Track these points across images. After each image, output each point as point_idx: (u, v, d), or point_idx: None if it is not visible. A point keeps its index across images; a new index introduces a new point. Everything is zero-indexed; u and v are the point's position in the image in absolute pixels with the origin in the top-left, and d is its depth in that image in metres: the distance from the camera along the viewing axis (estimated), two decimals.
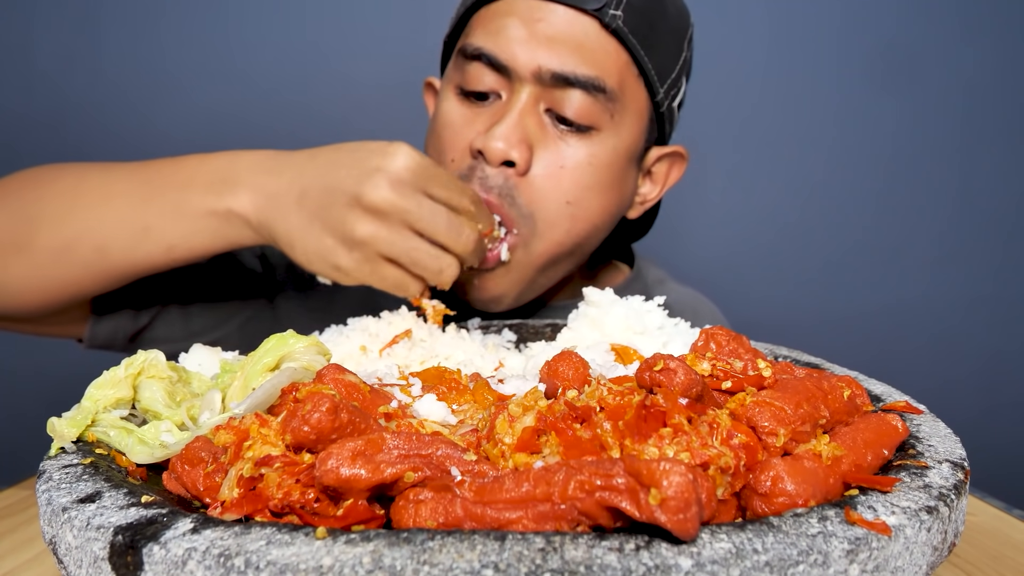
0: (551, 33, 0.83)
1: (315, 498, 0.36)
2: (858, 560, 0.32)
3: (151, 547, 0.33)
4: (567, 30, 0.83)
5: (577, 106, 0.83)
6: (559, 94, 0.83)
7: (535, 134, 0.85)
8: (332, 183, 0.72)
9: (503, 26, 0.84)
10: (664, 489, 0.30)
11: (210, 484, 0.41)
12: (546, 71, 0.82)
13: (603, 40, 0.84)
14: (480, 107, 0.87)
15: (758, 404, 0.42)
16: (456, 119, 0.88)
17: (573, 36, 0.83)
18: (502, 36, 0.84)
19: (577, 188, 0.86)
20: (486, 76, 0.85)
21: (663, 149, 0.97)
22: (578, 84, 0.83)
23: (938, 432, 0.47)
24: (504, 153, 0.82)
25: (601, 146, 0.86)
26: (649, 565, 0.30)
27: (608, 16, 0.83)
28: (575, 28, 0.83)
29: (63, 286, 0.78)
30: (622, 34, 0.84)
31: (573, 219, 0.87)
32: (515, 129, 0.83)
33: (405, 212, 0.71)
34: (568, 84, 0.83)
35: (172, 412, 0.49)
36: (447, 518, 0.34)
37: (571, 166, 0.85)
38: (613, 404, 0.40)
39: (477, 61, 0.85)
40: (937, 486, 0.38)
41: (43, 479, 0.41)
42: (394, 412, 0.45)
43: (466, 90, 0.87)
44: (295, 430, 0.38)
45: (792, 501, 0.36)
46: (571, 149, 0.85)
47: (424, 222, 0.72)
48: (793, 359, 0.66)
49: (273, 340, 0.53)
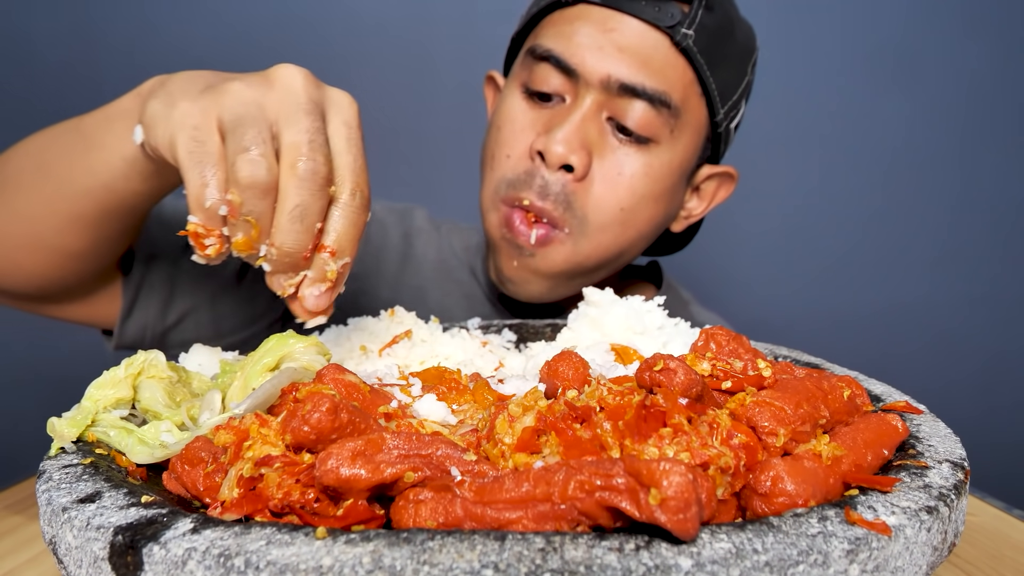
0: (623, 43, 0.84)
1: (315, 498, 0.36)
2: (858, 560, 0.32)
3: (151, 547, 0.33)
4: (638, 43, 0.84)
5: (639, 117, 0.85)
6: (623, 104, 0.85)
7: (595, 141, 0.86)
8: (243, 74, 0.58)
9: (575, 30, 0.86)
10: (664, 489, 0.30)
11: (210, 484, 0.41)
12: (615, 80, 0.84)
13: (672, 57, 0.85)
14: (543, 108, 0.89)
15: (758, 404, 0.42)
16: (518, 117, 0.89)
17: (644, 49, 0.84)
18: (574, 41, 0.85)
19: (632, 197, 0.88)
20: (553, 78, 0.87)
21: (715, 168, 0.99)
22: (644, 96, 0.84)
23: (938, 432, 0.47)
24: (564, 157, 0.84)
25: (658, 159, 0.88)
26: (649, 565, 0.30)
27: (680, 35, 0.84)
28: (646, 42, 0.84)
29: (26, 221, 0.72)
30: (691, 53, 0.85)
31: (624, 225, 0.89)
32: (576, 134, 0.85)
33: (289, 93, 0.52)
34: (634, 95, 0.84)
35: (172, 412, 0.49)
36: (447, 518, 0.34)
37: (628, 175, 0.87)
38: (613, 404, 0.40)
39: (546, 62, 0.87)
40: (937, 486, 0.38)
41: (43, 479, 0.41)
42: (394, 412, 0.45)
43: (531, 89, 0.89)
44: (295, 430, 0.38)
45: (792, 501, 0.36)
46: (629, 159, 0.87)
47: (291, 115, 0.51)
48: (793, 359, 0.66)
49: (273, 340, 0.53)
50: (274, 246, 0.50)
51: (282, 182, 0.50)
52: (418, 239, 1.11)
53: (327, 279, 0.52)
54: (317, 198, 0.50)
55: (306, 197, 0.50)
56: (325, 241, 0.52)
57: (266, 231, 0.51)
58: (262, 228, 0.50)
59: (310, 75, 0.54)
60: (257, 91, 0.52)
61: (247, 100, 0.51)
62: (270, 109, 0.51)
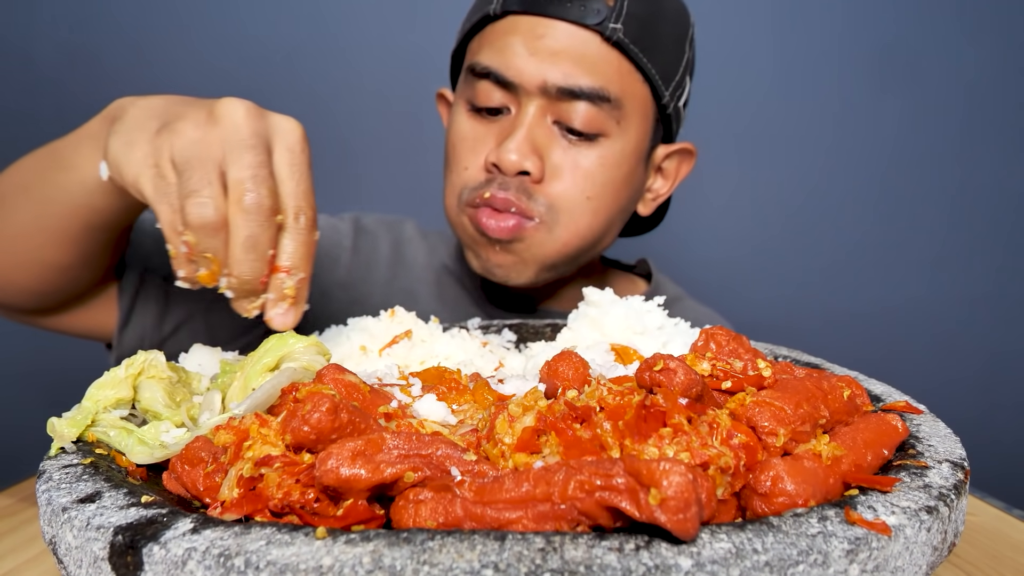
0: (554, 48, 0.86)
1: (315, 498, 0.36)
2: (858, 560, 0.32)
3: (151, 547, 0.33)
4: (569, 44, 0.86)
5: (583, 116, 0.87)
6: (565, 106, 0.87)
7: (545, 144, 0.89)
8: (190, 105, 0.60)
9: (507, 44, 0.88)
10: (664, 489, 0.30)
11: (210, 484, 0.41)
12: (551, 85, 0.86)
13: (605, 52, 0.87)
14: (491, 121, 0.91)
15: (758, 404, 0.42)
16: (469, 133, 0.93)
17: (575, 50, 0.86)
18: (507, 53, 0.87)
19: (594, 187, 0.91)
20: (495, 93, 0.89)
21: (671, 147, 1.01)
22: (583, 96, 0.86)
23: (938, 432, 0.47)
24: (518, 164, 0.87)
25: (610, 150, 0.90)
26: (649, 565, 0.30)
27: (609, 30, 0.85)
28: (576, 42, 0.86)
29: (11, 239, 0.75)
30: (623, 45, 0.86)
31: (595, 213, 0.92)
32: (526, 141, 0.87)
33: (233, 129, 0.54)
34: (573, 96, 0.86)
35: (172, 412, 0.49)
36: (447, 518, 0.34)
37: (584, 168, 0.90)
38: (613, 404, 0.40)
39: (486, 79, 0.89)
40: (937, 486, 0.38)
41: (43, 479, 0.41)
42: (394, 412, 0.45)
43: (477, 106, 0.91)
44: (295, 430, 0.38)
45: (792, 501, 0.36)
46: (582, 156, 0.90)
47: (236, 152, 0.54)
48: (793, 359, 0.66)
49: (273, 340, 0.53)
50: (232, 275, 0.54)
51: (231, 217, 0.53)
52: (408, 248, 1.13)
53: (286, 296, 0.56)
54: (265, 228, 0.54)
55: (254, 228, 0.53)
56: (279, 263, 0.56)
57: (224, 263, 0.54)
58: (220, 261, 0.54)
59: (252, 107, 0.56)
60: (202, 130, 0.55)
61: (194, 140, 0.54)
62: (215, 147, 0.54)
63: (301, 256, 0.56)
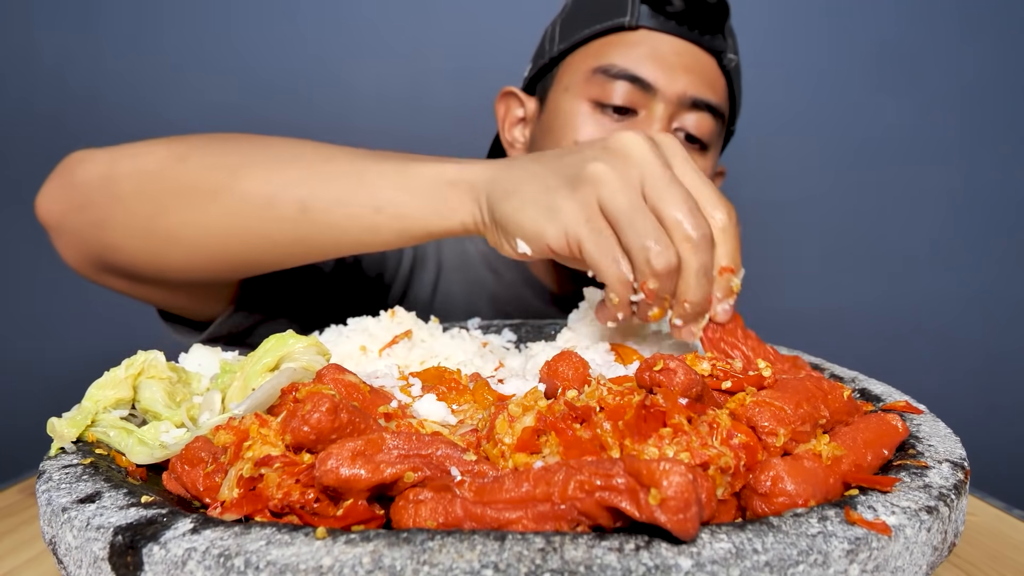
0: (689, 64, 0.96)
1: (315, 498, 0.36)
2: (858, 560, 0.32)
3: (151, 547, 0.33)
4: (698, 64, 0.97)
5: (702, 126, 0.97)
6: (689, 115, 0.96)
7: None
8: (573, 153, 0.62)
9: (647, 53, 0.96)
10: (664, 489, 0.30)
11: (210, 484, 0.41)
12: (689, 96, 0.95)
13: (719, 75, 0.99)
14: (616, 120, 0.97)
15: (758, 404, 0.42)
16: (593, 129, 0.97)
17: (703, 69, 0.97)
18: (648, 62, 0.95)
19: None
20: (629, 92, 0.95)
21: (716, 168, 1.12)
22: (708, 108, 0.97)
23: (938, 432, 0.47)
24: None
25: (709, 161, 1.01)
26: (649, 565, 0.30)
27: (727, 59, 0.99)
28: (703, 63, 0.97)
29: (256, 244, 0.70)
30: (732, 74, 1.00)
31: None
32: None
33: (647, 164, 0.56)
34: (699, 108, 0.96)
35: (172, 412, 0.49)
36: (447, 518, 0.34)
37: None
38: (613, 404, 0.40)
39: (622, 80, 0.95)
40: (937, 486, 0.38)
41: (43, 479, 0.41)
42: (394, 412, 0.45)
43: (605, 103, 0.97)
44: (295, 430, 0.38)
45: (792, 501, 0.36)
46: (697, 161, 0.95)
47: (663, 189, 0.56)
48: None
49: (273, 340, 0.53)
50: (687, 302, 0.56)
51: (680, 250, 0.55)
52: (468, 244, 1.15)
53: (733, 292, 0.58)
54: (711, 253, 0.56)
55: (705, 258, 0.55)
56: (721, 264, 0.58)
57: (673, 296, 0.56)
58: (675, 298, 0.56)
59: (645, 136, 0.59)
60: (618, 171, 0.56)
61: (619, 185, 0.56)
62: (635, 179, 0.56)
63: (737, 253, 0.58)
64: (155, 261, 0.73)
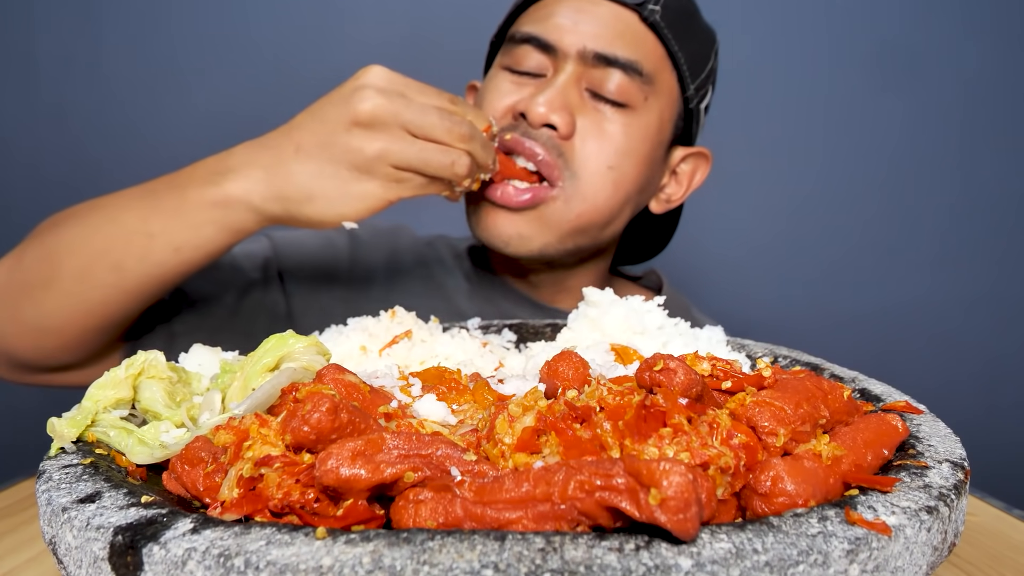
0: (596, 20, 0.92)
1: (315, 498, 0.36)
2: (858, 560, 0.32)
3: (151, 547, 0.33)
4: (610, 19, 0.92)
5: (616, 84, 0.91)
6: (599, 73, 0.91)
7: (576, 104, 0.92)
8: (321, 120, 0.76)
9: (551, 13, 0.93)
10: (664, 489, 0.30)
11: (210, 484, 0.41)
12: (590, 51, 0.90)
13: (642, 31, 0.93)
14: (527, 83, 0.94)
15: (758, 404, 0.42)
16: (502, 87, 0.95)
17: (615, 24, 0.92)
18: (550, 22, 0.92)
19: (617, 154, 0.93)
20: (533, 56, 0.93)
21: (689, 149, 1.04)
22: (617, 64, 0.91)
23: (938, 432, 0.47)
24: (545, 116, 0.89)
25: (636, 121, 0.94)
26: (649, 565, 0.30)
27: (647, 11, 0.92)
28: (617, 19, 0.92)
29: (91, 311, 0.79)
30: (659, 28, 0.92)
31: (615, 185, 0.94)
32: (558, 96, 0.90)
33: (397, 114, 0.74)
34: (608, 64, 0.91)
35: (172, 412, 0.49)
36: (447, 518, 0.34)
37: (610, 133, 0.92)
38: (613, 404, 0.40)
39: (526, 43, 0.93)
40: (937, 486, 0.38)
41: (43, 479, 0.41)
42: (394, 412, 0.45)
43: (514, 69, 0.95)
44: (295, 430, 0.38)
45: (792, 501, 0.36)
46: (608, 120, 0.93)
47: (419, 120, 0.75)
48: (793, 359, 0.66)
49: (273, 340, 0.53)
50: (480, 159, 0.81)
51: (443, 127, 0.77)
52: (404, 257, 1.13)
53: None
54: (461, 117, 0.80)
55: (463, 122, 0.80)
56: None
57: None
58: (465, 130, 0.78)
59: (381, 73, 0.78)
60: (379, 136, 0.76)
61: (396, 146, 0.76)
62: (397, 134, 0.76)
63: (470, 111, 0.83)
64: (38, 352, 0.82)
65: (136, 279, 0.78)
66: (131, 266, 0.77)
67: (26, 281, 0.80)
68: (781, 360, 0.66)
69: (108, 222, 0.79)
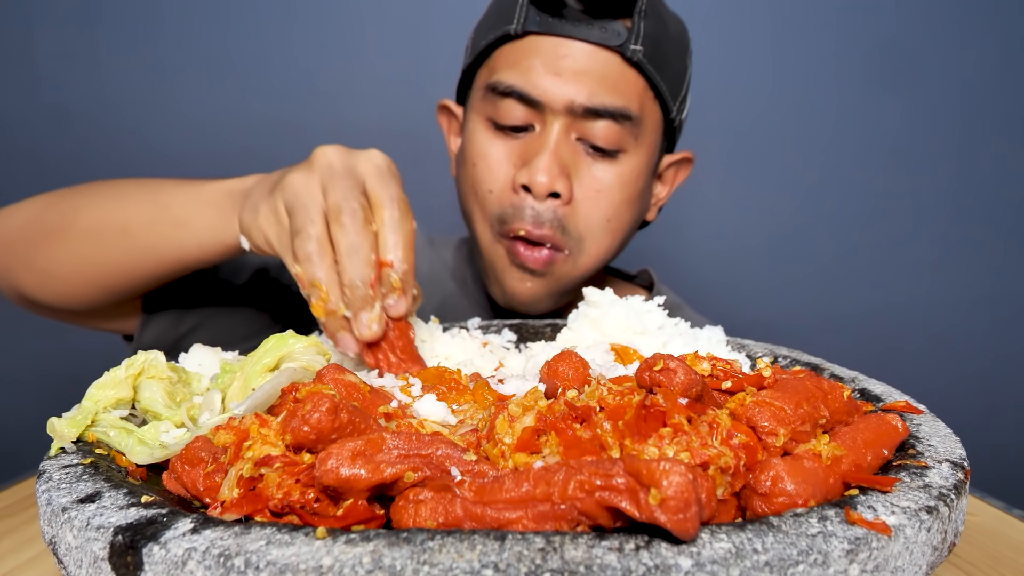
0: (578, 68, 0.89)
1: (315, 498, 0.36)
2: (858, 560, 0.32)
3: (151, 547, 0.33)
4: (592, 65, 0.89)
5: (606, 134, 0.90)
6: (588, 124, 0.90)
7: (570, 163, 0.92)
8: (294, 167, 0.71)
9: (531, 64, 0.90)
10: (664, 489, 0.30)
11: (210, 484, 0.41)
12: (578, 105, 0.89)
13: (624, 72, 0.90)
14: (513, 139, 0.94)
15: (758, 404, 0.42)
16: (491, 151, 0.94)
17: (598, 70, 0.89)
18: (532, 74, 0.90)
19: (613, 206, 0.94)
20: (518, 110, 0.92)
21: (673, 156, 1.05)
22: (606, 115, 0.90)
23: (938, 432, 0.47)
24: (549, 186, 0.89)
25: (628, 166, 0.93)
26: (649, 565, 0.30)
27: (630, 51, 0.89)
28: (598, 63, 0.89)
29: (97, 269, 0.83)
30: (642, 66, 0.90)
31: (613, 233, 0.96)
32: (554, 161, 0.90)
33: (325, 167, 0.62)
34: (597, 115, 0.89)
35: (172, 412, 0.49)
36: (447, 518, 0.34)
37: (606, 188, 0.93)
38: (613, 404, 0.40)
39: (509, 97, 0.91)
40: (937, 486, 0.38)
41: (43, 479, 0.41)
42: (394, 412, 0.45)
43: (499, 124, 0.93)
44: (295, 430, 0.38)
45: (792, 501, 0.36)
46: (603, 172, 0.93)
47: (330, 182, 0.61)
48: (793, 359, 0.66)
49: (273, 340, 0.53)
50: (345, 288, 0.57)
51: (333, 237, 0.58)
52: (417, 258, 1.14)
53: (394, 288, 0.59)
54: (363, 236, 0.58)
55: (352, 236, 0.58)
56: (382, 258, 0.59)
57: (334, 290, 0.58)
58: (328, 289, 0.58)
59: (341, 147, 0.64)
60: (303, 175, 0.62)
61: (297, 187, 0.61)
62: (315, 187, 0.61)
63: (401, 246, 0.60)
64: (46, 292, 0.86)
65: (140, 247, 0.81)
66: (137, 233, 0.80)
67: (46, 229, 0.84)
68: (781, 360, 0.66)
69: (127, 194, 0.83)
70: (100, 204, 0.83)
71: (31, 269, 0.86)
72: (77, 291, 0.85)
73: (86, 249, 0.82)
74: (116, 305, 0.90)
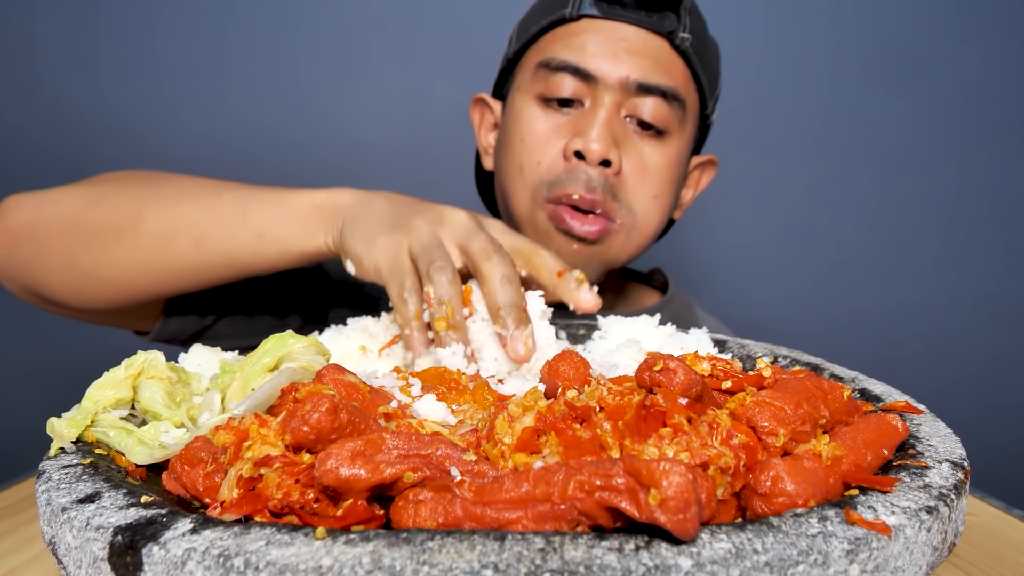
0: (632, 49, 0.93)
1: (315, 498, 0.36)
2: (858, 560, 0.32)
3: (151, 547, 0.33)
4: (645, 47, 0.93)
5: (656, 111, 0.93)
6: (639, 101, 0.93)
7: (621, 136, 0.93)
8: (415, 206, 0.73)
9: (587, 41, 0.93)
10: (664, 489, 0.30)
11: (210, 484, 0.41)
12: (632, 81, 0.92)
13: (674, 57, 0.95)
14: (563, 113, 0.95)
15: (758, 404, 0.42)
16: (540, 125, 0.96)
17: (650, 52, 0.93)
18: (588, 50, 0.93)
19: (659, 184, 0.96)
20: (570, 83, 0.93)
21: (700, 157, 1.08)
22: (657, 92, 0.93)
23: (938, 432, 0.47)
24: (603, 153, 0.90)
25: (672, 148, 0.96)
26: (649, 565, 0.30)
27: (679, 38, 0.94)
28: (651, 46, 0.93)
29: (157, 274, 0.80)
30: (688, 54, 0.95)
31: (660, 212, 0.98)
32: (607, 131, 0.91)
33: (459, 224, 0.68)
34: (648, 92, 0.92)
35: (172, 412, 0.49)
36: (447, 518, 0.34)
37: (651, 165, 0.95)
38: (613, 404, 0.40)
39: (562, 71, 0.93)
40: (937, 486, 0.38)
41: (43, 479, 0.41)
42: (394, 412, 0.45)
43: (549, 97, 0.95)
44: (295, 430, 0.38)
45: (792, 501, 0.36)
46: (649, 149, 0.95)
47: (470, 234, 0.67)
48: (793, 359, 0.66)
49: (272, 340, 0.53)
50: (499, 308, 0.62)
51: (485, 270, 0.64)
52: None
53: (582, 280, 0.68)
54: (515, 270, 0.65)
55: (505, 269, 0.64)
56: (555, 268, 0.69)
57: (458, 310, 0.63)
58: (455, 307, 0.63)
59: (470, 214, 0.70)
60: (431, 227, 0.67)
61: (429, 235, 0.66)
62: (447, 240, 0.67)
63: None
64: (75, 294, 0.83)
65: (212, 256, 0.78)
66: (213, 240, 0.77)
67: (99, 225, 0.79)
68: (781, 360, 0.66)
69: (197, 197, 0.79)
70: (168, 206, 0.79)
71: (68, 268, 0.80)
72: (119, 294, 0.81)
73: (149, 253, 0.78)
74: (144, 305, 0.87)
